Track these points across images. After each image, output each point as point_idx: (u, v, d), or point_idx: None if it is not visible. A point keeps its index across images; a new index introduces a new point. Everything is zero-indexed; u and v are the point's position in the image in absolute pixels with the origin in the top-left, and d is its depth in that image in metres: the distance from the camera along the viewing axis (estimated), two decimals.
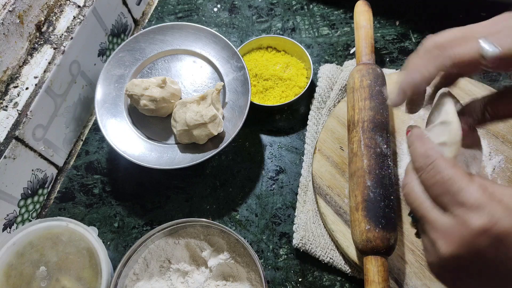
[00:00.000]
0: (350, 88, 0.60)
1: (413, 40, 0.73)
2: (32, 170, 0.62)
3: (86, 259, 0.55)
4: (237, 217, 0.62)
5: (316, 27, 0.77)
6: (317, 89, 0.68)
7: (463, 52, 0.35)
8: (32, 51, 0.63)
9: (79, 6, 0.68)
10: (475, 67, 0.35)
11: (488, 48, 0.34)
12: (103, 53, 0.74)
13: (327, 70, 0.69)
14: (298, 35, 0.77)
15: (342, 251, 0.56)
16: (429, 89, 0.41)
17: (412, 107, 0.42)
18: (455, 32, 0.37)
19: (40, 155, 0.63)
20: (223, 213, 0.63)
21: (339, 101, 0.66)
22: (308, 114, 0.67)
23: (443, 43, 0.37)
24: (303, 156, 0.65)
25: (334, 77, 0.68)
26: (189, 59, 0.69)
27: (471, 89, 0.63)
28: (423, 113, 0.62)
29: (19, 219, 0.62)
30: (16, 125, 0.58)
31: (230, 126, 0.62)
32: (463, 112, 0.40)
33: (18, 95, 0.60)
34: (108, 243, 0.62)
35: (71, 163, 0.69)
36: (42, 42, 0.64)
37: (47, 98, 0.62)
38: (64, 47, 0.64)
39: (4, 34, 0.58)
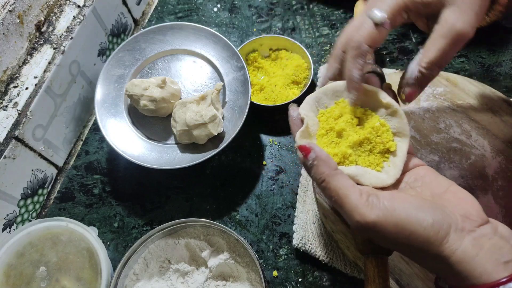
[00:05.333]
0: None
1: (413, 40, 0.73)
2: (32, 170, 0.62)
3: (86, 259, 0.55)
4: (237, 217, 0.62)
5: (316, 27, 0.77)
6: (317, 89, 0.68)
7: (362, 31, 0.40)
8: (32, 51, 0.63)
9: (79, 6, 0.68)
10: (380, 36, 0.41)
11: (377, 14, 0.40)
12: (103, 53, 0.74)
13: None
14: (298, 35, 0.77)
15: (342, 251, 0.56)
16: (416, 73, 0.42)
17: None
18: (350, 26, 0.43)
19: (40, 155, 0.63)
20: (223, 213, 0.63)
21: None
22: None
23: (347, 39, 0.42)
24: None
25: None
26: (189, 59, 0.69)
27: (471, 89, 0.63)
28: (422, 113, 0.62)
29: (19, 219, 0.62)
30: (16, 125, 0.58)
31: (230, 126, 0.62)
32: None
33: (18, 95, 0.60)
34: (108, 243, 0.62)
35: (71, 163, 0.69)
36: (42, 42, 0.64)
37: (47, 98, 0.62)
38: (64, 47, 0.64)
39: (4, 34, 0.58)
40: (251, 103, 0.63)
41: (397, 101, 0.43)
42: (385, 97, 0.42)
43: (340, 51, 0.43)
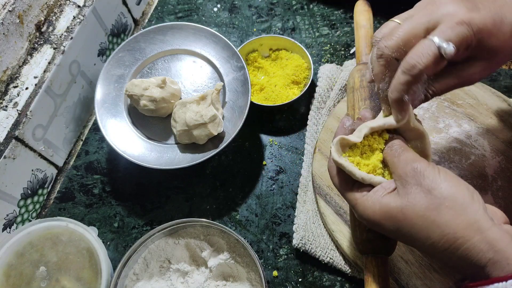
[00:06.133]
0: (350, 88, 0.60)
1: None
2: (32, 170, 0.62)
3: (86, 259, 0.55)
4: (237, 217, 0.62)
5: (316, 27, 0.77)
6: (317, 89, 0.68)
7: (426, 59, 0.37)
8: (32, 51, 0.63)
9: (79, 6, 0.68)
10: (437, 68, 0.38)
11: (446, 46, 0.36)
12: (103, 53, 0.74)
13: (327, 70, 0.69)
14: (298, 35, 0.77)
15: (342, 251, 0.56)
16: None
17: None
18: (402, 32, 0.39)
19: (40, 155, 0.63)
20: (223, 213, 0.63)
21: (339, 101, 0.66)
22: (308, 114, 0.67)
23: (399, 49, 0.39)
24: (303, 156, 0.65)
25: (334, 77, 0.68)
26: (189, 59, 0.69)
27: (471, 89, 0.63)
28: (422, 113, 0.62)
29: (19, 219, 0.62)
30: (16, 125, 0.58)
31: (230, 126, 0.62)
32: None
33: (18, 95, 0.60)
34: (108, 243, 0.62)
35: (71, 163, 0.69)
36: (42, 42, 0.64)
37: (47, 98, 0.62)
38: (64, 47, 0.64)
39: (4, 34, 0.58)
40: (251, 103, 0.63)
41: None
42: (413, 121, 0.42)
43: (392, 59, 0.40)
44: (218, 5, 0.83)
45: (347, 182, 0.42)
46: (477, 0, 0.38)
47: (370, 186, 0.41)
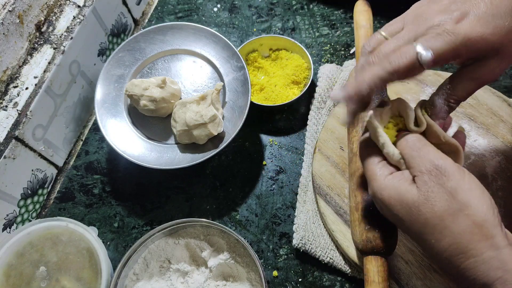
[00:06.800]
0: None
1: None
2: (32, 170, 0.62)
3: (86, 259, 0.55)
4: (237, 217, 0.62)
5: (316, 27, 0.77)
6: (317, 89, 0.68)
7: (403, 61, 0.37)
8: (32, 51, 0.63)
9: (79, 6, 0.68)
10: (412, 73, 0.38)
11: (425, 53, 0.37)
12: (103, 53, 0.74)
13: (327, 70, 0.69)
14: (298, 35, 0.77)
15: (342, 251, 0.56)
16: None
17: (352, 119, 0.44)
18: (383, 49, 0.40)
19: (40, 155, 0.63)
20: (223, 213, 0.63)
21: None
22: (308, 114, 0.67)
23: (381, 52, 0.39)
24: (303, 156, 0.65)
25: (334, 77, 0.68)
26: (189, 59, 0.69)
27: None
28: None
29: (19, 219, 0.62)
30: (16, 125, 0.58)
31: (230, 126, 0.62)
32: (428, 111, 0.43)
33: (18, 95, 0.60)
34: (108, 243, 0.62)
35: (71, 163, 0.69)
36: (42, 42, 0.64)
37: (47, 98, 0.62)
38: (64, 47, 0.64)
39: (4, 34, 0.58)
40: (251, 103, 0.63)
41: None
42: (444, 135, 0.41)
43: (367, 53, 0.41)
44: (218, 5, 0.83)
45: (374, 155, 0.42)
46: (467, 4, 0.38)
47: (393, 167, 0.40)
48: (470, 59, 0.39)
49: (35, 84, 0.61)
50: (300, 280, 0.57)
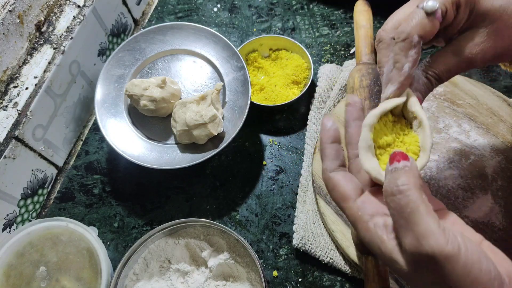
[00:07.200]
0: (350, 88, 0.60)
1: None
2: (32, 170, 0.62)
3: (86, 259, 0.55)
4: (237, 217, 0.62)
5: (316, 27, 0.77)
6: (317, 89, 0.68)
7: (413, 21, 0.37)
8: (32, 51, 0.63)
9: (79, 6, 0.68)
10: (432, 27, 0.37)
11: (430, 4, 0.36)
12: (103, 53, 0.74)
13: (327, 70, 0.69)
14: (298, 35, 0.77)
15: (342, 251, 0.56)
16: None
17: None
18: (396, 14, 0.40)
19: (40, 155, 0.63)
20: (223, 213, 0.63)
21: (339, 101, 0.66)
22: (308, 114, 0.67)
23: (394, 29, 0.39)
24: (303, 156, 0.65)
25: (334, 77, 0.68)
26: (189, 59, 0.69)
27: (471, 89, 0.63)
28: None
29: (19, 219, 0.62)
30: (16, 125, 0.58)
31: (230, 126, 0.62)
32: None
33: (18, 95, 0.60)
34: (108, 243, 0.62)
35: (71, 163, 0.69)
36: (42, 42, 0.64)
37: (47, 98, 0.62)
38: (64, 47, 0.64)
39: (4, 34, 0.58)
40: (251, 103, 0.63)
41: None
42: (414, 105, 0.39)
43: (390, 39, 0.39)
44: (218, 5, 0.83)
45: (345, 198, 0.36)
46: None
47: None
48: (462, 24, 0.39)
49: (35, 84, 0.61)
50: (300, 280, 0.57)
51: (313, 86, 0.69)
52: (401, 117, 0.41)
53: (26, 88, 0.60)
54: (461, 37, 0.40)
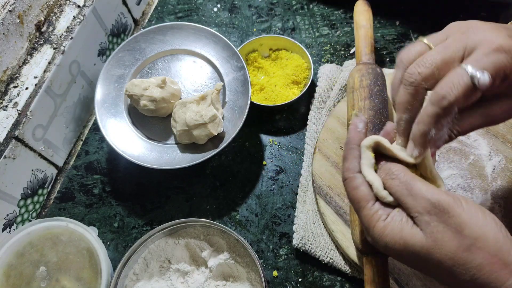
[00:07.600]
0: (350, 88, 0.60)
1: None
2: (32, 170, 0.62)
3: (86, 259, 0.55)
4: (237, 217, 0.62)
5: (316, 27, 0.77)
6: (317, 89, 0.68)
7: (458, 90, 0.34)
8: (32, 51, 0.63)
9: (79, 6, 0.68)
10: (472, 102, 0.35)
11: (480, 76, 0.33)
12: (103, 53, 0.74)
13: (327, 70, 0.69)
14: (298, 35, 0.77)
15: (342, 251, 0.56)
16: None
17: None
18: (438, 59, 0.36)
19: (40, 155, 0.63)
20: (223, 213, 0.63)
21: (339, 101, 0.66)
22: (308, 114, 0.67)
23: (433, 77, 0.36)
24: (303, 156, 0.65)
25: (334, 77, 0.68)
26: (189, 59, 0.69)
27: None
28: None
29: (19, 219, 0.62)
30: (16, 125, 0.58)
31: (230, 126, 0.62)
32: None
33: (18, 95, 0.60)
34: (108, 243, 0.62)
35: (71, 163, 0.69)
36: (42, 42, 0.64)
37: (47, 98, 0.62)
38: (64, 47, 0.64)
39: (4, 34, 0.58)
40: (251, 103, 0.63)
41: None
42: (432, 169, 0.39)
43: (422, 86, 0.36)
44: (218, 5, 0.83)
45: (364, 198, 0.38)
46: None
47: (388, 207, 0.38)
48: (496, 93, 0.37)
49: (35, 84, 0.61)
50: (300, 280, 0.57)
51: (313, 86, 0.69)
52: None
53: (26, 88, 0.60)
54: (493, 104, 0.38)
